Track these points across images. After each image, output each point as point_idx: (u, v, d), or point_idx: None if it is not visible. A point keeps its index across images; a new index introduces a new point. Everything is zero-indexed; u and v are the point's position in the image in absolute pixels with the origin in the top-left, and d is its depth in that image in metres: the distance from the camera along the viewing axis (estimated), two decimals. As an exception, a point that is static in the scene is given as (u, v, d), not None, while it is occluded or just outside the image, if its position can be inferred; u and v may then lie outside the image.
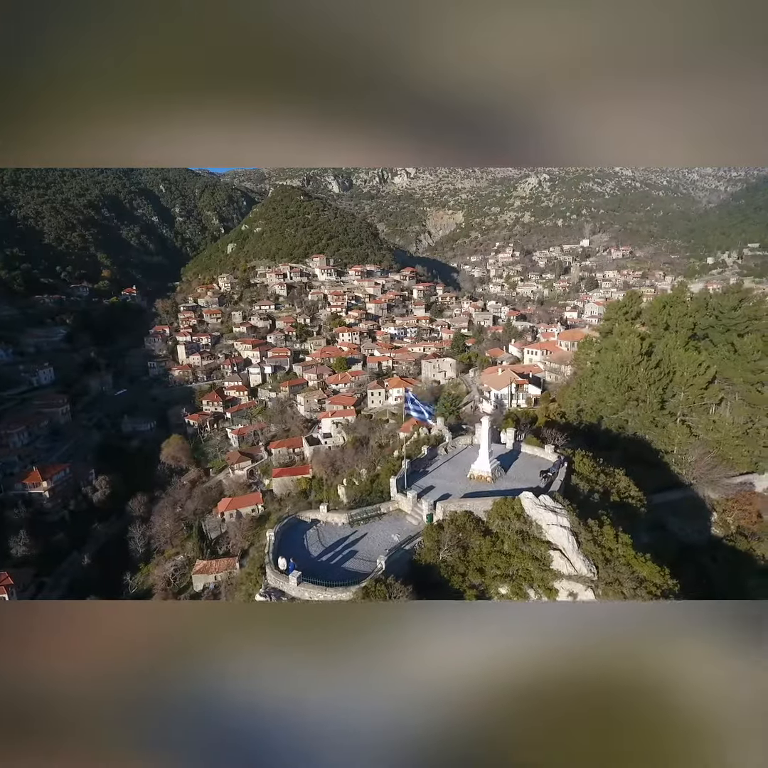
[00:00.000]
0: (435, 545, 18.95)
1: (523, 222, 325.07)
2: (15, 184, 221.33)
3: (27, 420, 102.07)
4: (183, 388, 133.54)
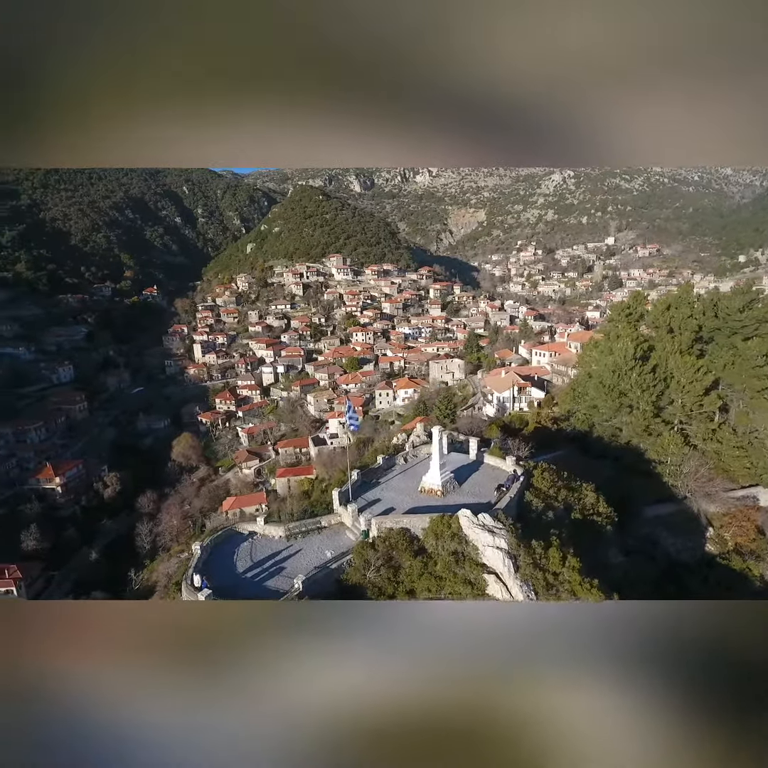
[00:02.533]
0: (364, 564, 18.01)
1: (546, 220, 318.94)
2: (45, 187, 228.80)
3: (45, 416, 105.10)
4: (197, 387, 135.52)
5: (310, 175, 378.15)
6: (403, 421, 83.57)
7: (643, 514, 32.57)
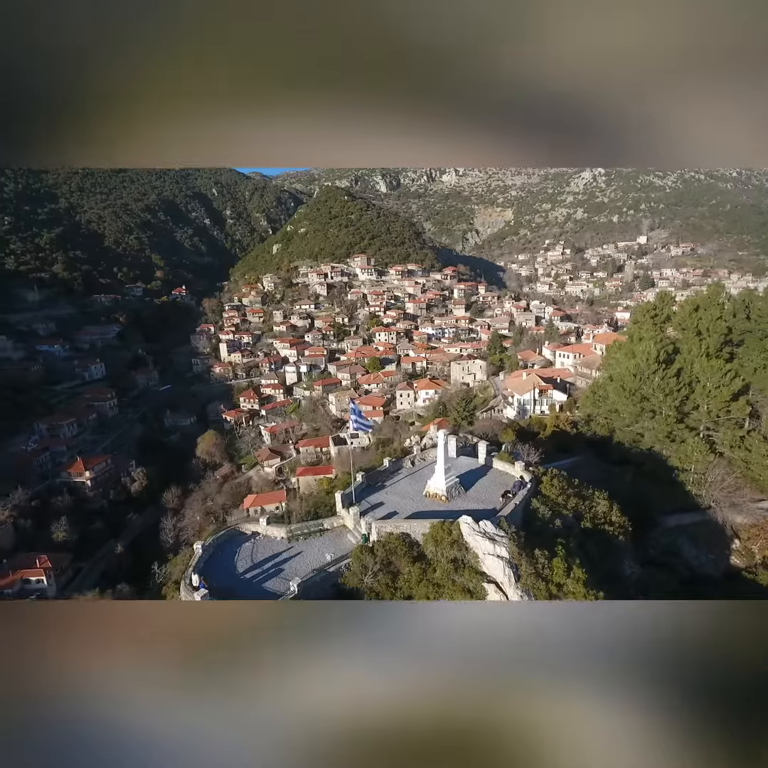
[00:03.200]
0: (362, 569, 17.80)
1: (575, 219, 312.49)
2: (81, 191, 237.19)
3: (77, 412, 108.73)
4: (223, 385, 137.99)
5: (337, 176, 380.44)
6: (423, 422, 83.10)
7: (664, 523, 31.42)
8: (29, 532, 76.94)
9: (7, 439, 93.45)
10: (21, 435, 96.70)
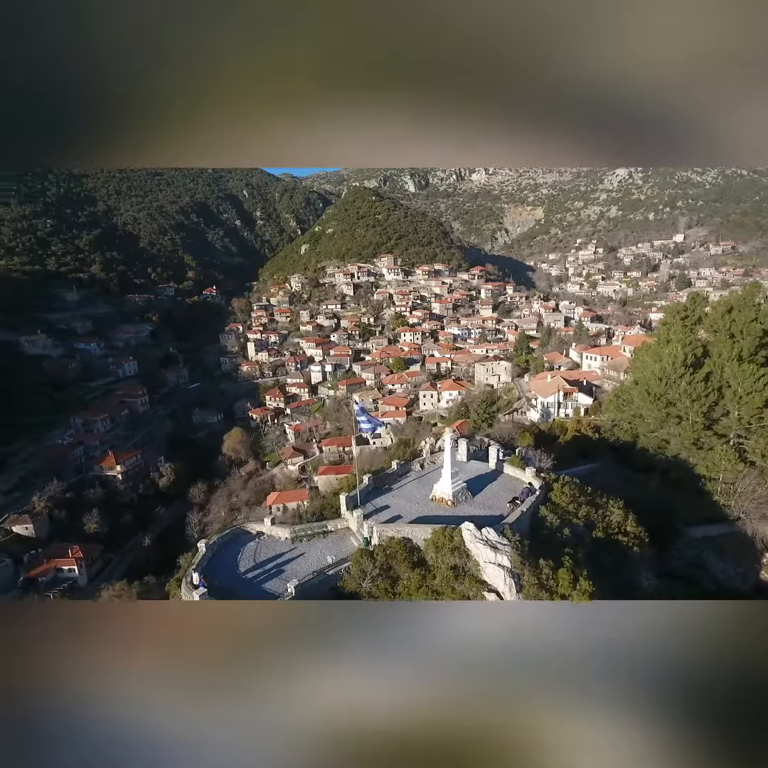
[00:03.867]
0: (360, 573, 17.59)
1: (608, 217, 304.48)
2: (118, 194, 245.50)
3: (110, 408, 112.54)
4: (250, 384, 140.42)
5: (365, 176, 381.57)
6: (446, 423, 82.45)
7: (689, 534, 30.16)
8: (63, 522, 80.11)
9: (44, 433, 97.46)
10: (57, 429, 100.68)
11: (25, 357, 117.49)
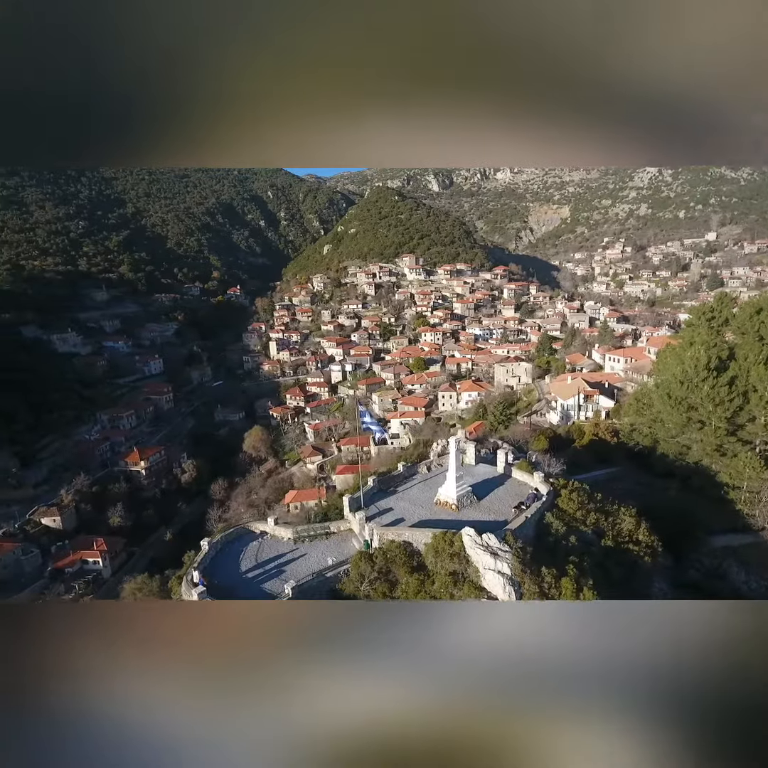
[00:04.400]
0: (359, 576, 17.44)
1: (637, 215, 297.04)
2: (147, 196, 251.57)
3: (136, 405, 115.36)
4: (271, 382, 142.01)
5: (389, 176, 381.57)
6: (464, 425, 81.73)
7: (709, 543, 29.08)
8: (89, 515, 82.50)
9: (73, 429, 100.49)
10: (85, 425, 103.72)
11: (56, 354, 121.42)
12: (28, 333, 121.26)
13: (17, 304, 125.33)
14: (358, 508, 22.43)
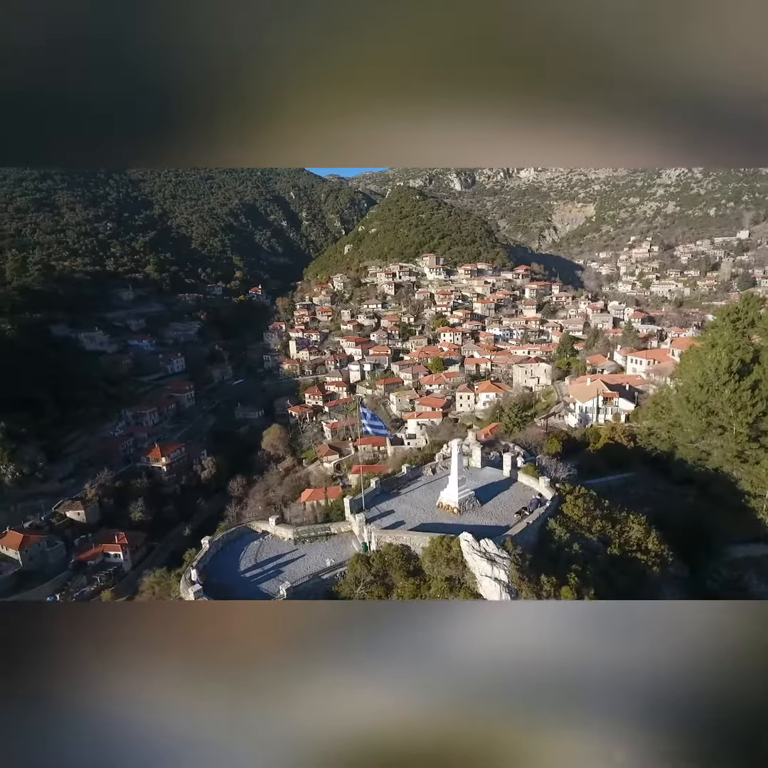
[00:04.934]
0: (354, 579, 17.30)
1: (665, 213, 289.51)
2: (173, 198, 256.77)
3: (159, 403, 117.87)
4: (290, 381, 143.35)
5: (411, 176, 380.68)
6: (481, 426, 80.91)
7: (729, 553, 28.07)
8: (111, 510, 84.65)
9: (98, 425, 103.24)
10: (110, 421, 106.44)
11: (83, 352, 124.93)
12: (58, 331, 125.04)
13: (48, 303, 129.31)
14: (359, 509, 22.37)
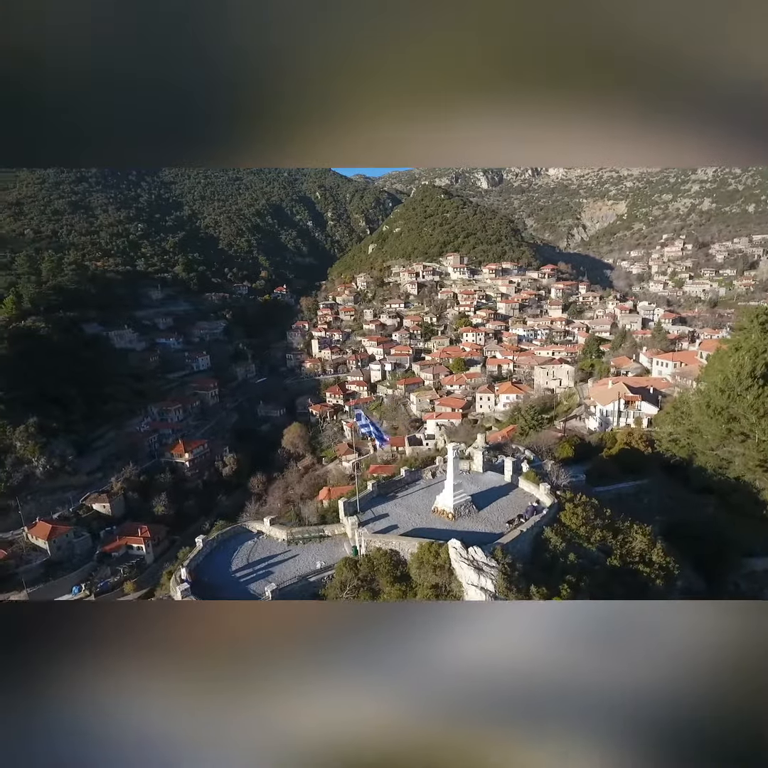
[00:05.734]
0: (340, 583, 17.07)
1: (700, 210, 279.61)
2: (203, 199, 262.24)
3: (183, 400, 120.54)
4: (312, 380, 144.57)
5: (437, 174, 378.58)
6: (500, 427, 79.75)
7: (748, 565, 26.82)
8: (136, 503, 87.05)
9: (125, 420, 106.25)
10: (137, 417, 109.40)
11: (113, 350, 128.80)
12: (90, 330, 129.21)
13: (81, 302, 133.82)
14: (354, 512, 22.23)
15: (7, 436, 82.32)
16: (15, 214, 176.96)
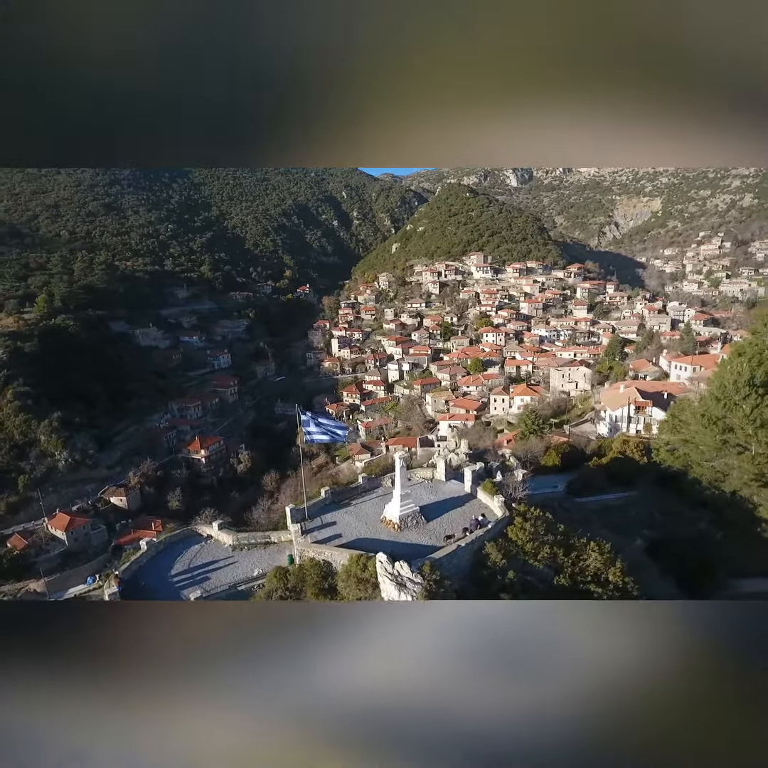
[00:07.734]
0: (267, 593, 16.69)
1: (741, 206, 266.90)
2: (231, 200, 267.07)
3: (203, 397, 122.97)
4: (330, 379, 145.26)
5: (466, 173, 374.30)
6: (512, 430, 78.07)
7: (736, 586, 25.20)
8: (152, 498, 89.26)
9: (146, 416, 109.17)
10: (157, 413, 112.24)
11: (138, 348, 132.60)
12: (116, 327, 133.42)
13: (110, 301, 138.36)
14: (302, 519, 21.89)
15: (32, 430, 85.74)
16: (53, 216, 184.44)
